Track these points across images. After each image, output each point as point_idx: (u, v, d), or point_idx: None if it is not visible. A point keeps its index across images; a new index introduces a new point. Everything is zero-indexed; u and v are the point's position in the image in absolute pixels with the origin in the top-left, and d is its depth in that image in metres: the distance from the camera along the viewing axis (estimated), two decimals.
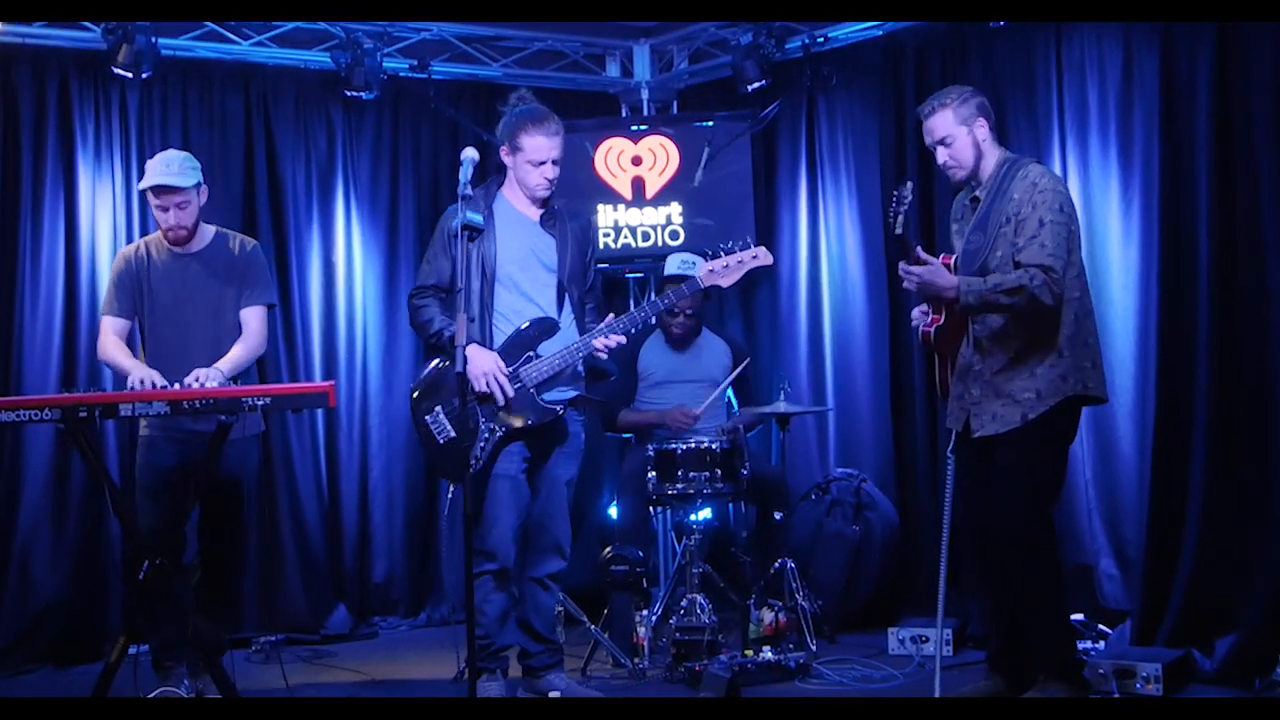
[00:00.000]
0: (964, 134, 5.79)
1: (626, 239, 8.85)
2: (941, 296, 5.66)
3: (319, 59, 8.40)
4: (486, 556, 6.08)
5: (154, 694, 5.97)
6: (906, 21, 7.87)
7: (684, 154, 8.81)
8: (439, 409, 6.13)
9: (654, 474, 7.20)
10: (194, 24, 7.97)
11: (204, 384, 5.83)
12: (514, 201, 6.31)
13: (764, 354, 8.96)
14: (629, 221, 8.87)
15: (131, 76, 7.64)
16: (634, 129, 9.02)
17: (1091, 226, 7.03)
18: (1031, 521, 5.68)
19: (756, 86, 8.44)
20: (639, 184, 8.88)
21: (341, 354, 8.62)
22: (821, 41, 8.32)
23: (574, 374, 6.26)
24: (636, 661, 6.92)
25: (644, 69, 9.45)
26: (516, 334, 6.11)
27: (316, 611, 8.30)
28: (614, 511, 7.86)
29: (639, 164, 8.90)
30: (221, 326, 6.40)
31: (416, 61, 8.55)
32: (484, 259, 6.12)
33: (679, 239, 8.78)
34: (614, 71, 9.54)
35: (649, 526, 8.00)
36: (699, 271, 6.21)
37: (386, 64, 8.39)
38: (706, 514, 7.35)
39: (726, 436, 7.39)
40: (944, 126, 5.81)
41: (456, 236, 5.56)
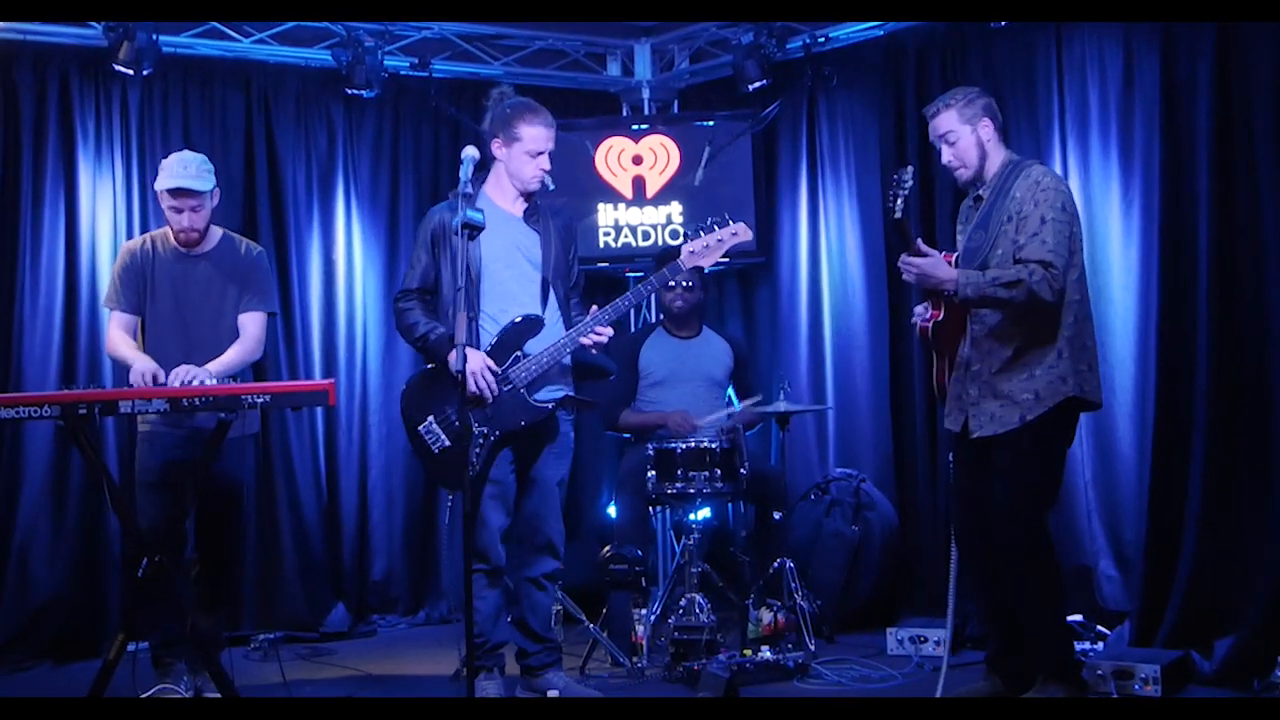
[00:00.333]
0: (968, 133, 5.79)
1: (627, 238, 8.84)
2: (940, 289, 5.66)
3: (320, 57, 8.40)
4: (478, 557, 6.06)
5: (152, 691, 5.97)
6: (907, 22, 7.87)
7: (684, 153, 8.81)
8: (430, 419, 6.12)
9: (653, 473, 7.19)
10: (195, 21, 7.97)
11: (187, 382, 5.82)
12: (498, 199, 6.29)
13: (764, 353, 8.97)
14: (629, 221, 8.87)
15: (132, 74, 7.64)
16: (635, 128, 9.02)
17: (1092, 227, 7.03)
18: (1029, 524, 5.67)
19: (757, 86, 8.44)
20: (639, 183, 8.88)
21: (341, 352, 8.62)
22: (822, 41, 8.31)
23: (561, 370, 6.25)
24: (635, 661, 6.92)
25: (645, 68, 9.44)
26: (502, 333, 6.09)
27: (315, 609, 8.30)
28: (613, 510, 7.85)
29: (639, 163, 8.90)
30: (223, 328, 6.39)
31: (417, 60, 8.55)
32: (468, 259, 6.10)
33: (679, 239, 8.77)
34: (615, 71, 9.53)
35: (648, 526, 7.99)
36: (681, 256, 6.23)
37: (387, 62, 8.39)
38: (706, 513, 7.34)
39: (726, 436, 7.39)
40: (948, 124, 5.82)
41: (456, 234, 5.53)
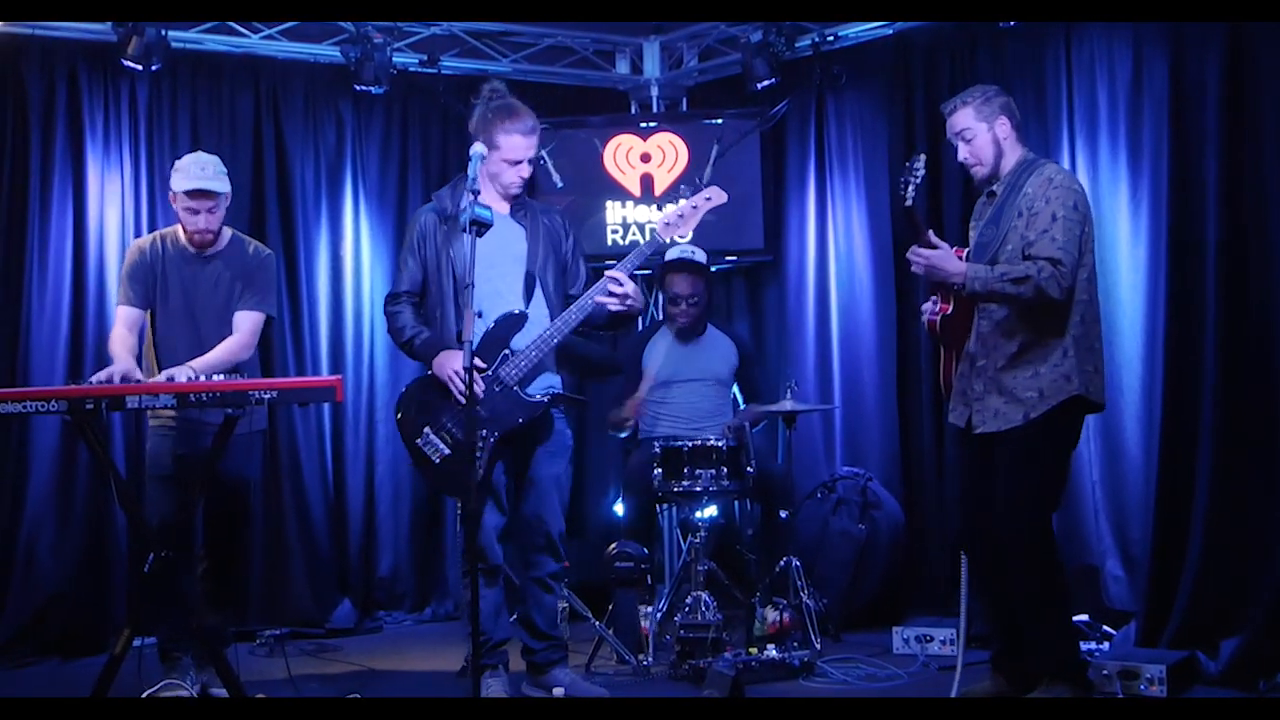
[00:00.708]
0: (984, 130, 5.78)
1: (635, 236, 8.84)
2: (948, 282, 5.65)
3: (329, 53, 8.41)
4: (475, 555, 6.04)
5: (158, 686, 5.97)
6: (917, 22, 7.86)
7: (693, 151, 8.81)
8: (427, 429, 6.10)
9: (659, 471, 7.18)
10: (203, 21, 7.97)
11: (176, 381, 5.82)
12: (483, 195, 6.16)
13: (771, 352, 8.97)
14: (637, 218, 8.87)
15: (141, 69, 7.66)
16: (643, 126, 9.02)
17: (1100, 227, 7.01)
18: (1031, 524, 5.66)
19: (766, 84, 8.45)
20: (648, 181, 8.88)
21: (348, 348, 8.62)
22: (831, 40, 8.32)
23: (554, 365, 6.20)
24: (641, 658, 6.92)
25: (654, 66, 9.44)
26: (486, 334, 6.02)
27: (321, 605, 8.31)
28: (619, 508, 7.85)
29: (648, 161, 8.91)
30: (229, 328, 6.39)
31: (426, 57, 8.56)
32: (453, 260, 6.10)
33: (687, 236, 8.76)
34: (624, 68, 9.53)
35: (654, 523, 8.00)
36: (656, 228, 6.22)
37: (396, 59, 8.40)
38: (712, 511, 7.33)
39: (732, 434, 7.39)
40: (964, 121, 5.81)
41: (465, 231, 5.50)
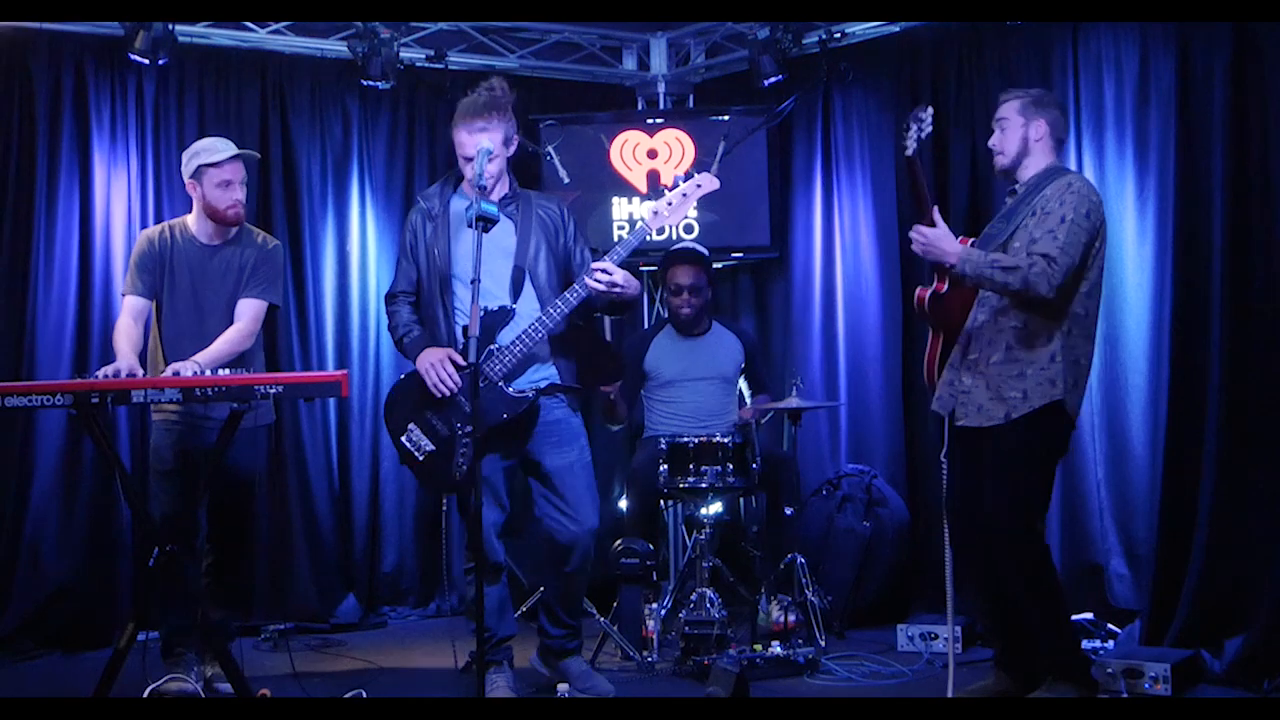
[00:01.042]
0: (1019, 125, 5.78)
1: None
2: (944, 262, 5.66)
3: (335, 48, 8.41)
4: (474, 554, 6.02)
5: (162, 681, 5.97)
6: (924, 21, 7.86)
7: (699, 148, 8.80)
8: (412, 425, 6.09)
9: (665, 467, 7.17)
10: (210, 20, 7.97)
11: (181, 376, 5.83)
12: (469, 190, 6.12)
13: (777, 349, 8.97)
14: (644, 215, 8.83)
15: (148, 63, 7.66)
16: (650, 122, 9.01)
17: (1107, 225, 7.00)
18: (1017, 532, 5.65)
19: (773, 81, 8.45)
20: (654, 177, 8.87)
21: (354, 343, 8.62)
22: (839, 37, 8.31)
23: (547, 356, 6.13)
24: (645, 655, 6.92)
25: (660, 62, 9.44)
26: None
27: (326, 601, 8.32)
28: (624, 504, 7.85)
29: (654, 157, 8.90)
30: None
31: (433, 52, 8.55)
32: (438, 257, 6.09)
33: (693, 233, 8.77)
34: (630, 64, 9.53)
35: (659, 520, 7.99)
36: (645, 217, 6.18)
37: (403, 54, 8.40)
38: (717, 508, 7.33)
39: (738, 430, 7.39)
40: (1005, 111, 5.84)
41: (470, 226, 5.50)
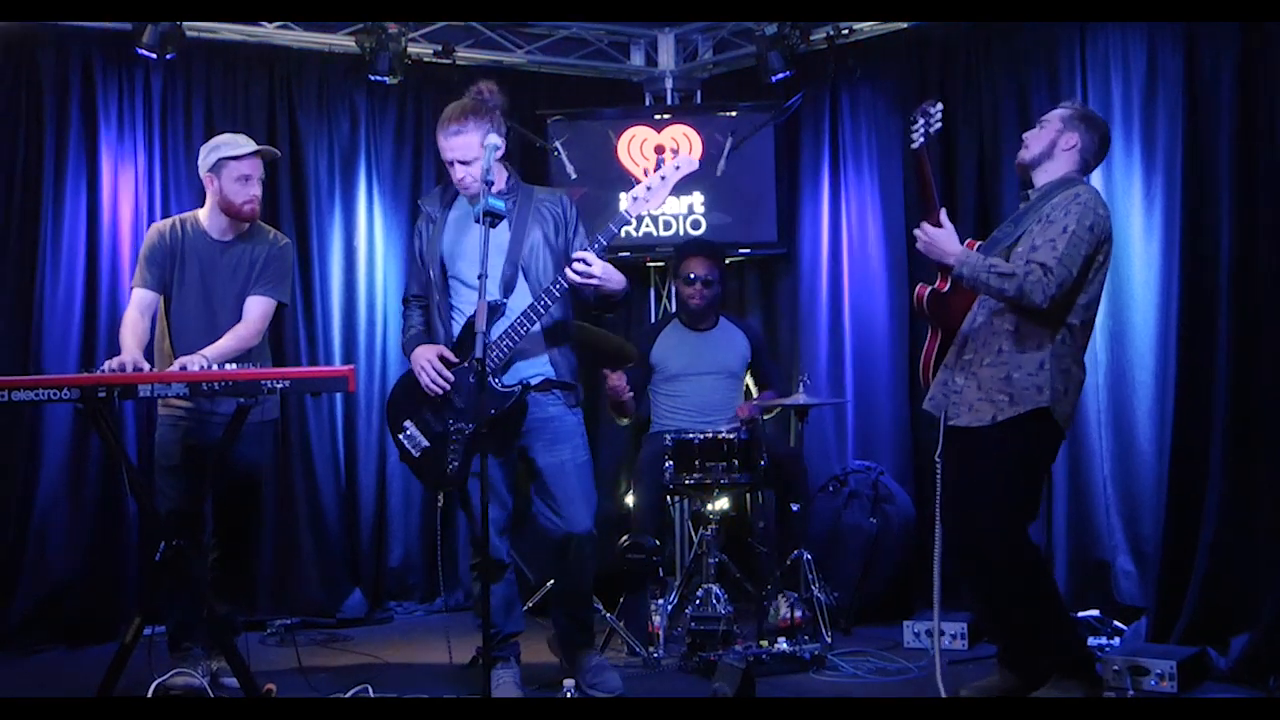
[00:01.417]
0: (1055, 128, 5.76)
1: (648, 227, 8.84)
2: (944, 262, 5.69)
3: (343, 43, 8.41)
4: (476, 552, 6.02)
5: (168, 675, 5.97)
6: (932, 21, 7.85)
7: (707, 143, 8.80)
8: (408, 423, 6.09)
9: (671, 463, 7.18)
10: (217, 20, 7.98)
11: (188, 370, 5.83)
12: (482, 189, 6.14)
13: (784, 345, 8.96)
14: (624, 202, 8.84)
15: (155, 58, 7.66)
16: (657, 118, 9.01)
17: (1114, 224, 6.98)
18: (1004, 538, 5.65)
19: (781, 77, 8.45)
20: (660, 164, 8.84)
21: (361, 338, 8.63)
22: (847, 33, 8.31)
23: (541, 351, 6.08)
24: (651, 651, 6.92)
25: (668, 58, 9.44)
26: (464, 326, 5.99)
27: (332, 595, 8.32)
28: (630, 500, 7.85)
29: (661, 153, 8.88)
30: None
31: (441, 47, 8.55)
32: (435, 257, 6.09)
33: (700, 228, 8.77)
34: (638, 60, 9.53)
35: (666, 516, 7.99)
36: (626, 205, 6.08)
37: (411, 49, 8.41)
38: (724, 504, 7.33)
39: (745, 427, 7.38)
40: (1053, 113, 5.84)
41: (477, 221, 5.50)
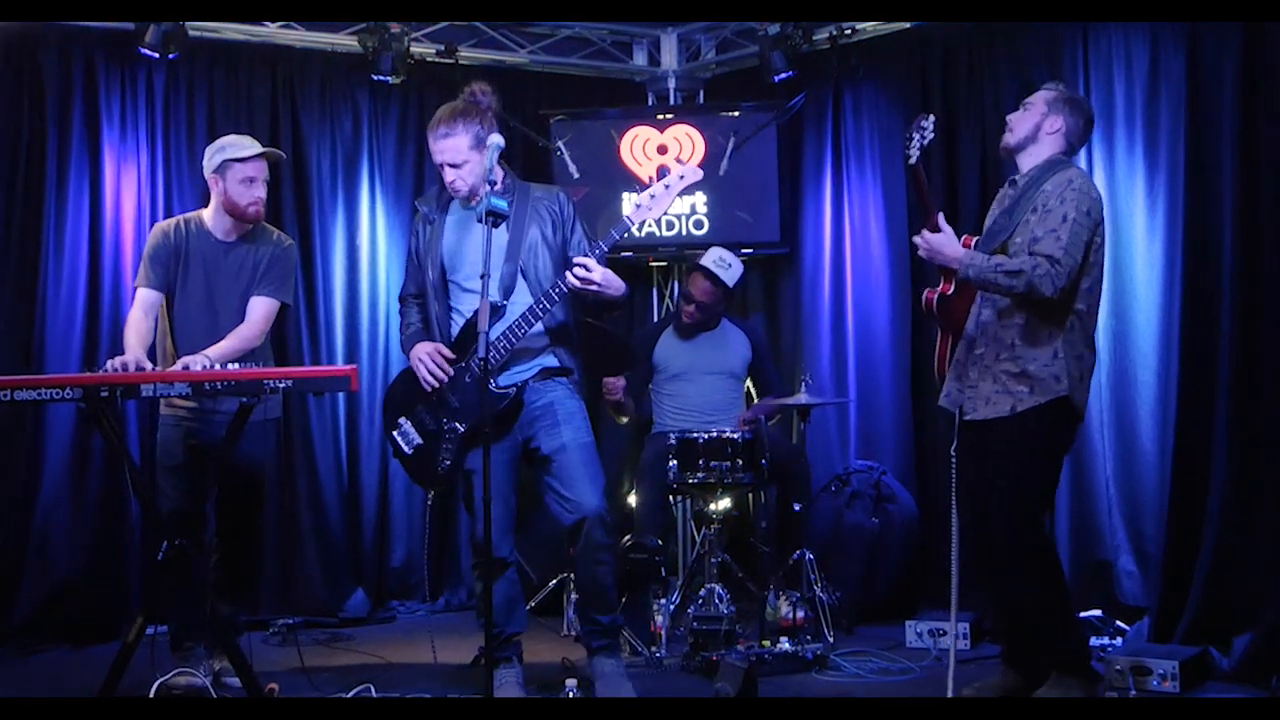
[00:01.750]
0: (1040, 111, 5.76)
1: (651, 227, 8.80)
2: (949, 266, 5.69)
3: (346, 43, 8.42)
4: (477, 550, 6.02)
5: (170, 675, 5.97)
6: (935, 21, 7.85)
7: (709, 143, 8.80)
8: (403, 420, 6.10)
9: (674, 463, 7.19)
10: (221, 20, 7.99)
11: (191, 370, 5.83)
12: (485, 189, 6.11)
13: (786, 345, 8.97)
14: (626, 209, 8.85)
15: (158, 57, 7.67)
16: (660, 117, 9.01)
17: (1116, 223, 7.01)
18: (1021, 526, 5.67)
19: (784, 77, 8.46)
20: (664, 173, 8.81)
21: (364, 338, 8.64)
22: (849, 33, 8.31)
23: (539, 348, 6.07)
24: (654, 650, 6.92)
25: (671, 58, 9.44)
26: (464, 326, 5.99)
27: (335, 595, 8.33)
28: (633, 499, 7.85)
29: (664, 152, 8.90)
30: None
31: (444, 47, 8.56)
32: (434, 259, 6.08)
33: (703, 229, 8.77)
34: (641, 59, 9.53)
35: (668, 515, 7.99)
36: (629, 212, 6.07)
37: (413, 49, 8.41)
38: (726, 503, 7.34)
39: (748, 427, 7.39)
40: (1037, 96, 5.83)
41: (480, 221, 5.49)
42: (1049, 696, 5.65)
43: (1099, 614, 7.06)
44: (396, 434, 6.13)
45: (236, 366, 5.72)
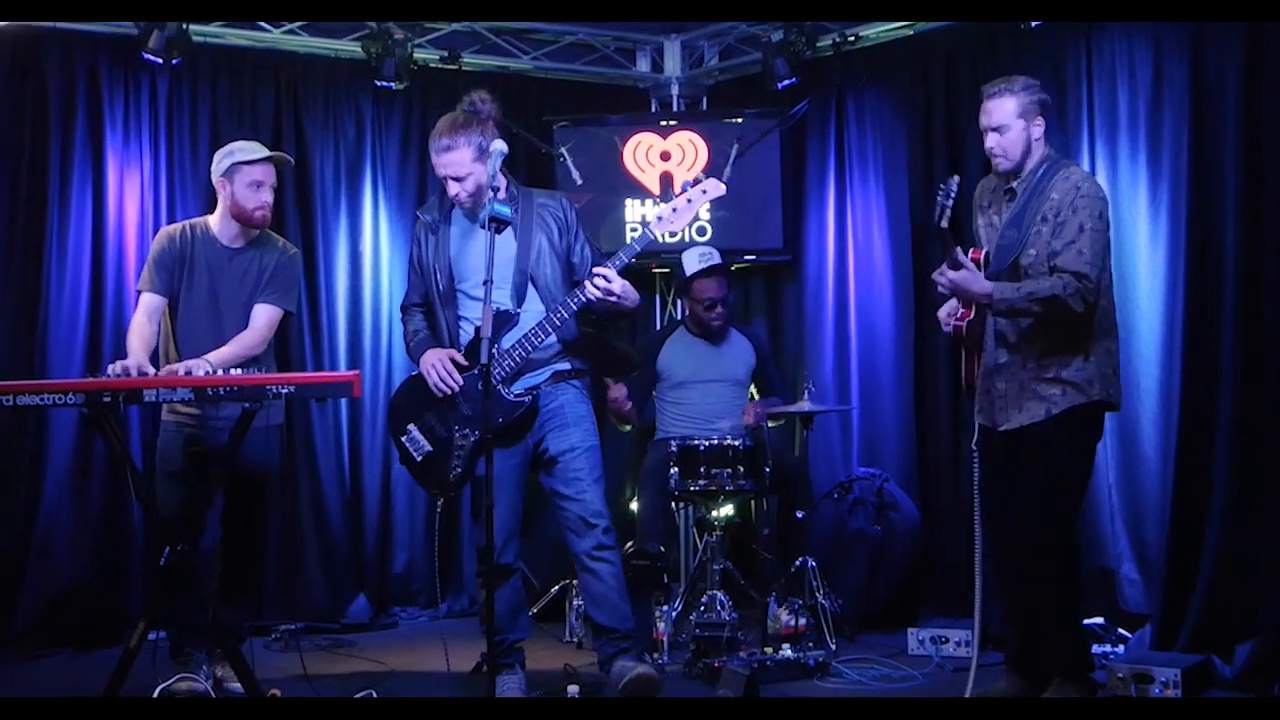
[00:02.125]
0: (1020, 128, 5.70)
1: (654, 234, 8.82)
2: (975, 302, 5.67)
3: (349, 49, 8.42)
4: (483, 557, 6.00)
5: (172, 681, 5.97)
6: (938, 22, 7.85)
7: (713, 150, 8.81)
8: (412, 426, 6.10)
9: (676, 470, 7.19)
10: (223, 20, 7.98)
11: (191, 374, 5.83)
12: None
13: (789, 352, 8.96)
14: (649, 220, 8.84)
15: (161, 63, 7.68)
16: (663, 124, 9.01)
17: (1119, 229, 7.00)
18: (1054, 522, 5.66)
19: (787, 84, 8.45)
20: (667, 179, 8.87)
21: (366, 344, 8.63)
22: (852, 40, 8.32)
23: (549, 357, 6.09)
24: (656, 657, 6.92)
25: (674, 64, 9.45)
26: (475, 335, 5.96)
27: (337, 601, 8.33)
28: (635, 506, 7.85)
29: (667, 159, 8.90)
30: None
31: (447, 53, 8.56)
32: (441, 268, 6.09)
33: (706, 235, 8.77)
34: (644, 66, 9.53)
35: (670, 522, 7.99)
36: (650, 222, 6.09)
37: (417, 55, 8.41)
38: (728, 510, 7.33)
39: (750, 433, 7.39)
40: (1002, 113, 5.70)
41: (483, 227, 5.49)
42: (1049, 697, 5.66)
43: (1101, 621, 7.05)
44: (404, 440, 6.12)
45: (239, 372, 5.72)
